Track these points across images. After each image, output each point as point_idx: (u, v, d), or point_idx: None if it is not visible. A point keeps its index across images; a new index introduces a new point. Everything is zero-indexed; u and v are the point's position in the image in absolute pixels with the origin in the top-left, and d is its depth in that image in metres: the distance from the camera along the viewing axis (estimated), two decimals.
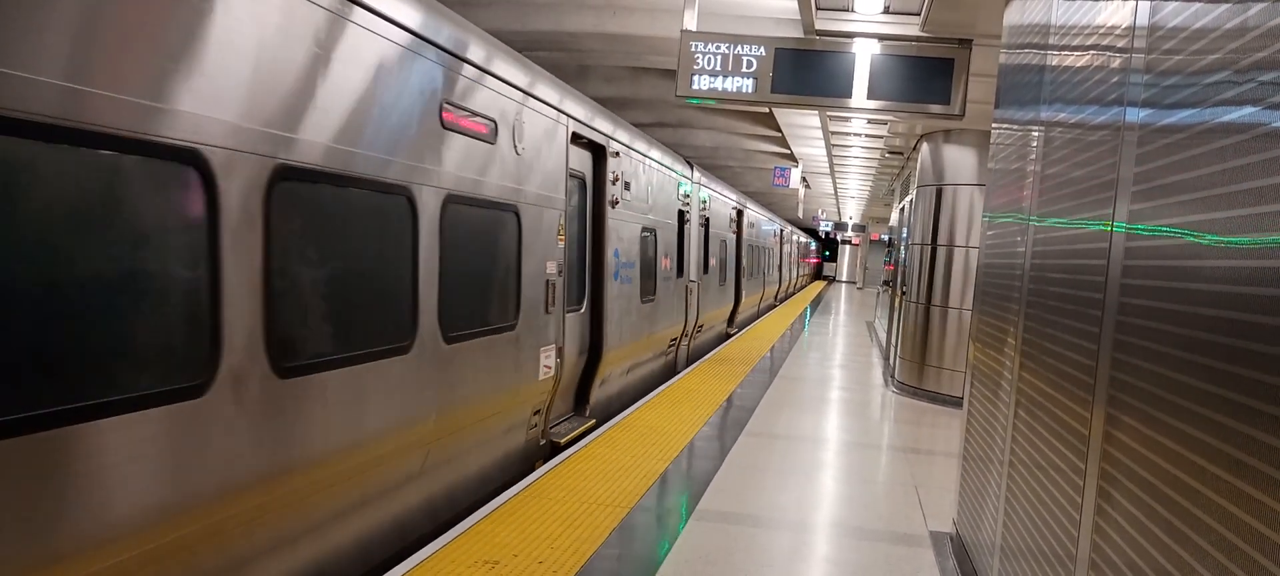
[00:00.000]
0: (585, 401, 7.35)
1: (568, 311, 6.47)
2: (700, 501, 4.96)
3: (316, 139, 3.38)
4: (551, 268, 5.93)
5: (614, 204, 7.46)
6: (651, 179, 8.89)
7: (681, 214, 10.71)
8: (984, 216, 4.46)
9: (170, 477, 2.76)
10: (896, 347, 10.47)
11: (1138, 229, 2.11)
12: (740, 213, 15.89)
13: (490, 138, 4.89)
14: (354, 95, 3.61)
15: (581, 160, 6.87)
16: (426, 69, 4.16)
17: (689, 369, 10.31)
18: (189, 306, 2.81)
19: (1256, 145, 1.55)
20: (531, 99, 5.46)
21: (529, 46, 9.09)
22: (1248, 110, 1.59)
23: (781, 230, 25.39)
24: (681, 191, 10.61)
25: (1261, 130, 1.53)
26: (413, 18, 4.01)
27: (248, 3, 2.99)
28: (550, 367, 6.00)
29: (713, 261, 13.02)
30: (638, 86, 12.51)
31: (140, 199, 2.62)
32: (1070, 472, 2.48)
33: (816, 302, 26.16)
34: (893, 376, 10.36)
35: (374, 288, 3.86)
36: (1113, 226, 2.29)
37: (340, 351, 3.59)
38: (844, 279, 48.33)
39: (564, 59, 10.28)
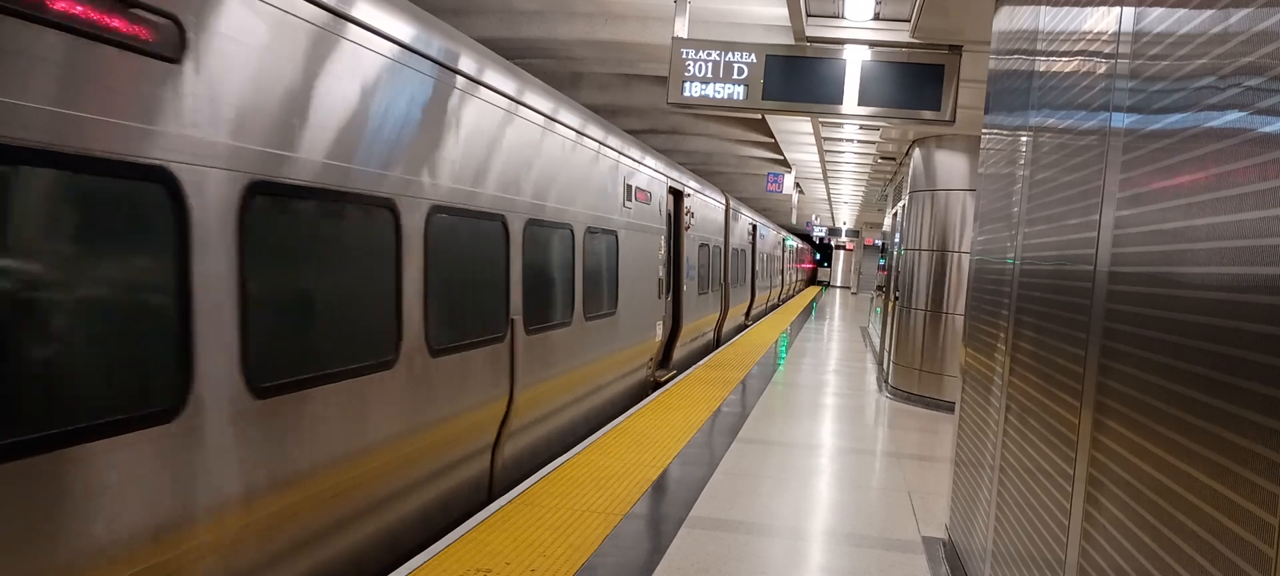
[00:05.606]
0: None
1: None
2: (693, 508, 4.95)
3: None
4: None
5: None
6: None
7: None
8: (975, 221, 4.47)
9: None
10: (890, 353, 10.48)
11: (1124, 234, 2.11)
12: (680, 196, 11.12)
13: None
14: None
15: None
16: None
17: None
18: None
19: (1241, 150, 1.55)
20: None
21: (521, 54, 9.09)
22: (1232, 115, 1.60)
23: (755, 226, 19.57)
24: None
25: (1246, 135, 1.54)
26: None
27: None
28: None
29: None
30: (630, 94, 12.52)
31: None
32: (1059, 478, 2.48)
33: (808, 311, 26.16)
34: (886, 382, 10.36)
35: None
36: (1099, 231, 2.29)
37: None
38: (838, 284, 48.41)
39: (556, 67, 10.27)
